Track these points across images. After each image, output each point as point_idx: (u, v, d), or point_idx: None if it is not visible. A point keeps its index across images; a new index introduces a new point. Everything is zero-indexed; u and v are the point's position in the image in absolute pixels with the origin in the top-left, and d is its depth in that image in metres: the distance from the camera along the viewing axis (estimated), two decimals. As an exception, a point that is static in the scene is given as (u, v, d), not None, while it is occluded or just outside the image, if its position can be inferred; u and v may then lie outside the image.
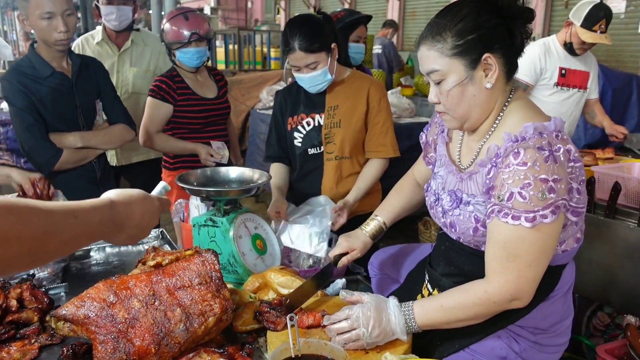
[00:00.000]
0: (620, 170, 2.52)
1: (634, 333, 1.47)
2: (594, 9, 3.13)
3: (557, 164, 1.23)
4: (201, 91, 2.89)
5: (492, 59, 1.32)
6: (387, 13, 11.45)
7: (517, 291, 1.29)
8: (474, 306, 1.33)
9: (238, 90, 5.72)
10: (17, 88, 2.13)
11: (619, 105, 4.94)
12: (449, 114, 1.41)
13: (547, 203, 1.21)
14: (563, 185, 1.23)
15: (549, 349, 1.46)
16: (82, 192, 2.34)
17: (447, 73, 1.34)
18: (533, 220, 1.22)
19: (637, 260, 2.25)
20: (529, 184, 1.21)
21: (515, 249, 1.26)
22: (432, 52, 1.34)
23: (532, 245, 1.25)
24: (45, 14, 2.07)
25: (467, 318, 1.36)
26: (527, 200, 1.22)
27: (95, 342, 1.28)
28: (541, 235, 1.24)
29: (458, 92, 1.35)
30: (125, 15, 3.16)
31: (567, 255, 1.40)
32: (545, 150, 1.23)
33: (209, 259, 1.43)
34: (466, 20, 1.30)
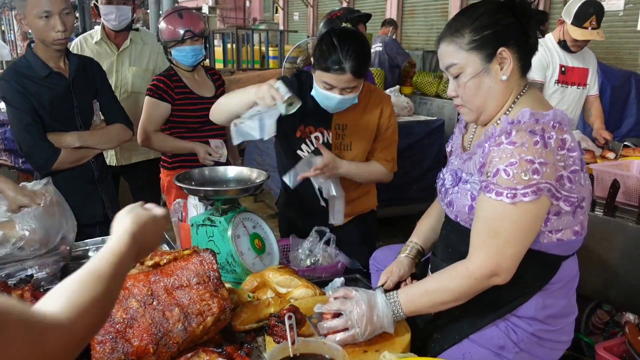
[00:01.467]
0: (619, 168, 2.52)
1: (633, 331, 1.48)
2: (584, 5, 3.13)
3: (546, 149, 1.28)
4: (199, 90, 2.88)
5: (507, 52, 1.39)
6: (385, 11, 11.44)
7: (496, 266, 1.33)
8: (456, 285, 1.37)
9: (236, 89, 5.71)
10: (14, 88, 2.13)
11: (617, 102, 4.94)
12: (466, 106, 1.48)
13: (530, 183, 1.27)
14: (549, 170, 1.27)
15: (548, 343, 1.47)
16: (79, 192, 2.36)
17: (464, 66, 1.42)
18: (514, 197, 1.28)
19: (636, 258, 2.25)
20: (515, 162, 1.28)
21: (496, 226, 1.32)
22: (450, 47, 1.44)
23: (513, 223, 1.30)
24: (43, 13, 2.07)
25: (452, 298, 1.39)
26: (511, 177, 1.28)
27: (93, 342, 1.28)
28: (521, 214, 1.30)
29: (475, 84, 1.43)
30: (125, 15, 3.15)
31: (564, 245, 1.41)
32: (536, 135, 1.29)
33: (207, 258, 1.43)
34: (483, 18, 1.40)
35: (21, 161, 4.03)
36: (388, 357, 1.27)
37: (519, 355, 1.46)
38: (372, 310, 1.37)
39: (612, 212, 2.35)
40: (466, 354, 1.46)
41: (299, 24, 14.89)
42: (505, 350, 1.46)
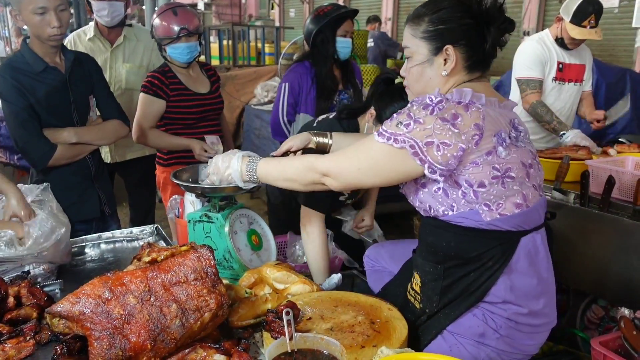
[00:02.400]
0: (614, 164, 2.52)
1: (628, 325, 1.49)
2: (583, 3, 3.12)
3: (431, 114, 1.38)
4: (194, 86, 2.88)
5: (452, 50, 1.46)
6: (381, 8, 11.44)
7: (334, 171, 1.51)
8: (301, 167, 1.58)
9: (232, 85, 5.71)
10: (10, 83, 2.12)
11: (613, 99, 4.94)
12: (409, 89, 1.59)
13: (397, 132, 1.40)
14: (419, 129, 1.37)
15: (525, 327, 1.49)
16: (76, 188, 2.36)
17: (414, 52, 1.52)
18: (379, 135, 1.43)
19: (630, 253, 2.26)
20: (400, 112, 1.43)
21: (356, 148, 1.50)
22: (408, 31, 1.54)
23: (370, 157, 1.45)
24: (38, 9, 2.06)
25: (293, 178, 1.61)
26: (390, 122, 1.43)
27: (91, 338, 1.28)
28: (375, 152, 1.44)
29: (418, 71, 1.53)
30: (118, 11, 3.11)
31: (510, 220, 1.43)
32: (430, 104, 1.40)
33: (205, 254, 1.43)
34: (442, 12, 1.47)
35: (16, 158, 4.01)
36: (385, 352, 1.28)
37: (500, 341, 1.49)
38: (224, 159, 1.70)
39: (607, 207, 2.35)
40: (452, 347, 1.49)
41: (295, 20, 14.88)
42: (486, 338, 1.48)
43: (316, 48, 2.94)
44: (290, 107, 2.96)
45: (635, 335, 1.49)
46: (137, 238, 2.21)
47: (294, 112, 2.97)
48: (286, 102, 2.96)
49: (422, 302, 1.57)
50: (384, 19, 11.31)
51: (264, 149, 5.21)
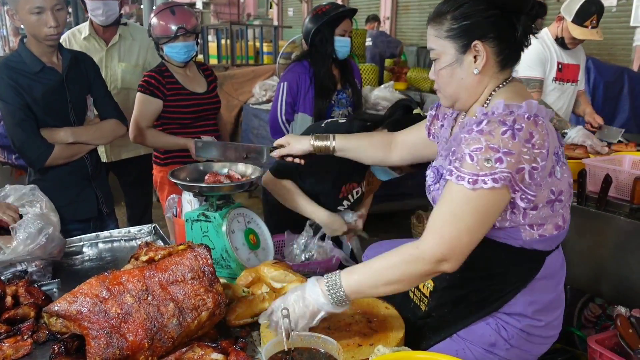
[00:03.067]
0: (611, 163, 2.53)
1: (624, 323, 1.49)
2: (586, 4, 3.12)
3: (514, 140, 1.25)
4: (191, 86, 2.88)
5: (481, 46, 1.36)
6: (380, 7, 11.44)
7: (449, 251, 1.28)
8: (402, 264, 1.31)
9: (230, 85, 5.71)
10: (7, 83, 2.12)
11: (610, 98, 4.97)
12: (440, 92, 1.49)
13: (492, 171, 1.24)
14: (513, 160, 1.25)
15: (536, 339, 1.48)
16: (73, 188, 2.36)
17: (440, 53, 1.42)
18: (474, 183, 1.25)
19: (627, 251, 2.27)
20: (480, 148, 1.25)
21: (458, 210, 1.28)
22: (432, 31, 1.43)
23: (474, 210, 1.27)
24: (35, 9, 2.06)
25: (396, 279, 1.32)
26: (474, 162, 1.25)
27: (88, 337, 1.28)
28: (481, 201, 1.26)
29: (447, 73, 1.42)
30: (112, 10, 3.10)
31: (546, 240, 1.41)
32: (506, 125, 1.26)
33: (202, 253, 1.43)
34: (464, 7, 1.36)
35: (14, 157, 3.99)
36: (382, 350, 1.28)
37: (509, 352, 1.47)
38: (298, 301, 1.34)
39: (604, 206, 2.36)
40: (459, 351, 1.47)
41: (294, 19, 14.87)
42: (497, 347, 1.47)
43: (315, 47, 2.96)
44: (289, 107, 2.97)
45: (631, 333, 1.50)
46: (135, 237, 2.21)
47: (293, 111, 2.99)
48: (285, 102, 2.97)
49: (429, 306, 1.55)
50: (382, 17, 11.31)
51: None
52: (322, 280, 1.36)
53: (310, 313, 1.34)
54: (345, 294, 1.32)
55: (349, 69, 3.09)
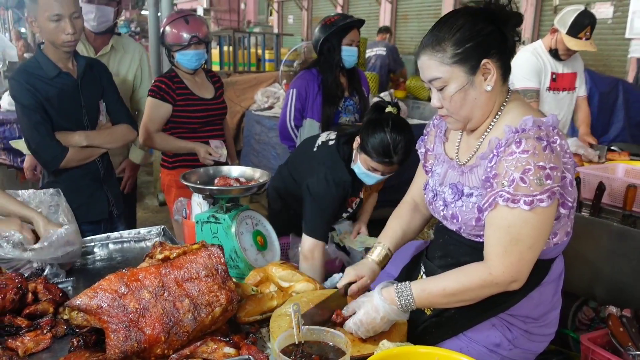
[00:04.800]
0: (604, 171, 2.62)
1: (615, 322, 1.57)
2: (580, 16, 3.22)
3: (553, 153, 1.33)
4: (199, 92, 2.95)
5: (490, 63, 1.41)
6: (379, 16, 11.56)
7: (518, 273, 1.37)
8: (477, 288, 1.40)
9: (233, 91, 5.79)
10: (24, 87, 2.19)
11: (605, 108, 5.06)
12: (452, 117, 1.50)
13: (545, 188, 1.31)
14: (558, 173, 1.33)
15: (537, 337, 1.56)
16: (86, 190, 2.43)
17: (448, 80, 1.43)
18: (531, 203, 1.31)
19: (620, 256, 2.35)
20: (529, 169, 1.31)
21: (519, 233, 1.34)
22: (433, 61, 1.43)
23: (534, 229, 1.34)
24: (54, 17, 2.13)
25: (468, 299, 1.44)
26: (527, 185, 1.31)
27: (108, 330, 1.34)
28: (540, 219, 1.34)
29: (460, 96, 1.44)
30: (106, 17, 2.95)
31: (558, 248, 1.49)
32: (543, 141, 1.33)
33: (215, 252, 1.50)
34: (463, 30, 1.40)
35: (20, 160, 4.07)
36: (386, 345, 1.35)
37: (512, 352, 1.54)
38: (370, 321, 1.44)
39: (598, 213, 2.45)
40: (463, 348, 1.53)
41: (294, 27, 14.98)
42: (500, 348, 1.54)
43: (323, 56, 3.05)
44: (298, 112, 3.07)
45: (621, 331, 1.57)
46: (145, 238, 2.27)
47: (301, 117, 3.08)
48: (294, 108, 3.06)
49: (435, 311, 1.61)
50: (380, 26, 11.43)
51: (264, 154, 5.28)
52: (390, 291, 1.45)
53: (381, 319, 1.44)
54: (415, 303, 1.45)
55: (356, 77, 3.19)
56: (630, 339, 1.55)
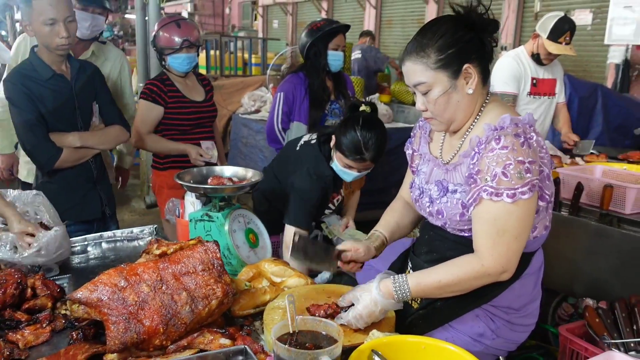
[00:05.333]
0: (583, 172, 2.72)
1: (592, 313, 1.65)
2: (559, 22, 3.35)
3: (530, 149, 1.42)
4: (190, 94, 3.01)
5: (471, 68, 1.50)
6: (363, 21, 11.68)
7: (507, 263, 1.45)
8: (470, 279, 1.48)
9: (220, 95, 5.83)
10: (19, 89, 2.22)
11: (584, 113, 5.17)
12: (436, 119, 1.58)
13: (525, 181, 1.40)
14: (536, 167, 1.42)
15: (518, 327, 1.64)
16: (79, 190, 2.46)
17: (432, 84, 1.51)
18: (513, 196, 1.40)
19: (598, 254, 2.44)
20: (510, 164, 1.39)
21: (504, 225, 1.43)
22: (417, 67, 1.51)
23: (518, 220, 1.43)
24: (48, 21, 2.17)
25: (461, 290, 1.51)
26: (509, 179, 1.40)
27: (108, 322, 1.39)
28: (523, 210, 1.42)
29: (444, 100, 1.52)
30: (99, 26, 2.96)
31: (538, 241, 1.57)
32: (521, 137, 1.42)
33: (211, 247, 1.56)
34: (445, 37, 1.48)
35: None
36: (376, 334, 1.42)
37: (495, 342, 1.62)
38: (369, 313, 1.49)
39: (577, 212, 2.54)
40: (448, 339, 1.59)
41: (279, 31, 15.03)
42: (484, 337, 1.62)
43: (309, 60, 3.13)
44: (285, 116, 3.14)
45: (597, 322, 1.66)
46: (137, 237, 2.31)
47: (288, 120, 3.15)
48: (281, 111, 3.13)
49: (421, 304, 1.68)
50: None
51: (251, 157, 5.33)
52: (387, 283, 1.52)
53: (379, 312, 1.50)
54: (411, 294, 1.51)
55: (342, 81, 3.27)
56: (606, 328, 1.64)
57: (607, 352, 1.41)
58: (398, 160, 5.07)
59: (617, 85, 6.25)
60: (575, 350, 1.68)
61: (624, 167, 2.90)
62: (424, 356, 1.33)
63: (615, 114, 5.10)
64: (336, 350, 1.23)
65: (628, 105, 5.04)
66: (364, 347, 1.31)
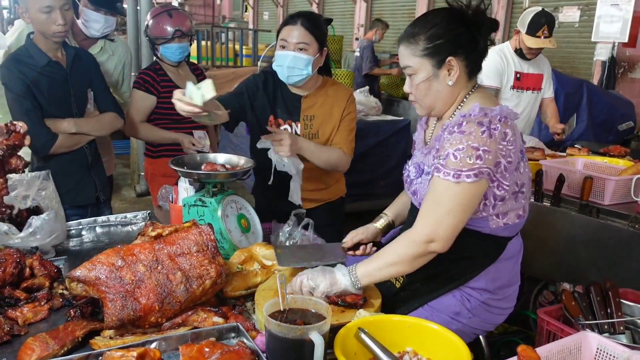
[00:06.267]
0: (565, 164, 2.80)
1: (568, 296, 1.73)
2: (536, 16, 3.43)
3: (491, 138, 1.47)
4: (183, 84, 3.00)
5: (455, 61, 1.57)
6: (354, 15, 11.73)
7: (433, 233, 1.50)
8: (400, 247, 1.56)
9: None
10: (15, 75, 2.26)
11: (570, 108, 5.27)
12: (418, 103, 1.68)
13: (473, 167, 1.46)
14: (490, 157, 1.47)
15: (495, 310, 1.72)
16: (74, 176, 2.51)
17: (417, 69, 1.60)
18: (457, 177, 1.47)
19: (577, 243, 2.54)
20: (462, 148, 1.47)
21: (440, 198, 1.51)
22: (407, 51, 1.61)
23: (454, 196, 1.49)
24: (45, 8, 2.21)
25: (396, 261, 1.56)
26: (458, 160, 1.47)
27: (106, 300, 1.44)
28: (462, 191, 1.48)
29: (425, 86, 1.61)
30: (111, 27, 2.96)
31: (510, 228, 1.64)
32: (483, 126, 1.48)
33: (205, 230, 1.62)
34: (437, 27, 1.57)
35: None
36: (363, 314, 1.49)
37: (471, 320, 1.71)
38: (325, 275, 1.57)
39: (558, 203, 2.63)
40: (428, 317, 1.66)
41: (269, 23, 15.04)
42: (460, 316, 1.70)
43: None
44: None
45: (573, 305, 1.74)
46: (131, 222, 2.36)
47: None
48: None
49: (403, 283, 1.76)
50: (356, 25, 11.59)
51: (241, 147, 5.37)
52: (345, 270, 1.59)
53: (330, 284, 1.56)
54: (357, 276, 1.56)
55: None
56: (581, 311, 1.72)
57: (581, 332, 1.49)
58: (386, 152, 5.17)
59: (603, 82, 6.36)
60: (552, 331, 1.76)
61: (604, 160, 2.99)
62: (407, 334, 1.41)
63: (600, 109, 5.20)
64: (324, 326, 1.29)
65: (613, 101, 5.15)
66: (351, 325, 1.38)
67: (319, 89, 2.43)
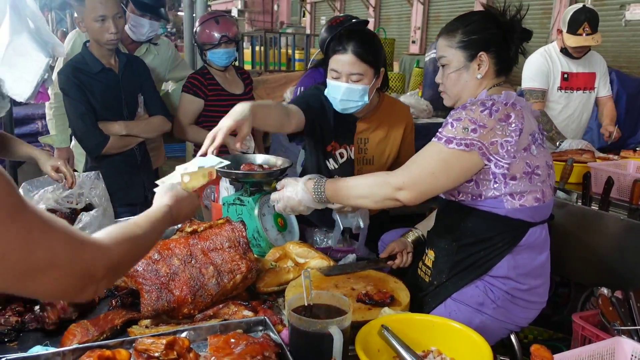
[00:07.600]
0: (616, 167, 2.70)
1: (605, 302, 1.68)
2: (576, 13, 3.30)
3: (490, 117, 1.56)
4: (229, 88, 3.15)
5: (485, 56, 1.70)
6: (411, 17, 11.65)
7: (409, 183, 1.60)
8: (373, 184, 1.68)
9: (263, 89, 5.99)
10: (72, 81, 2.43)
11: (633, 109, 5.04)
12: (446, 92, 1.80)
13: (466, 137, 1.55)
14: (485, 132, 1.55)
15: (520, 302, 1.71)
16: (124, 175, 2.66)
17: (451, 60, 1.75)
18: (450, 142, 1.57)
19: (626, 249, 2.43)
20: (460, 119, 1.58)
21: (425, 156, 1.63)
22: (444, 42, 1.76)
23: (439, 159, 1.59)
24: (99, 17, 2.36)
25: (364, 194, 1.69)
26: (454, 129, 1.58)
27: (142, 291, 1.53)
28: (450, 157, 1.57)
29: (455, 76, 1.75)
30: (155, 31, 3.10)
31: (527, 211, 1.64)
32: (485, 106, 1.59)
33: (238, 227, 1.68)
34: (474, 25, 1.72)
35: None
36: (387, 312, 1.51)
37: (496, 311, 1.70)
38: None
39: (607, 207, 2.54)
40: (452, 312, 1.70)
41: (326, 28, 15.12)
42: (484, 307, 1.70)
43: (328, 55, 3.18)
44: None
45: (611, 310, 1.68)
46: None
47: None
48: None
49: (431, 276, 1.80)
50: (413, 28, 11.51)
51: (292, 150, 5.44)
52: (310, 183, 1.77)
53: (295, 206, 1.80)
54: (326, 195, 1.74)
55: None
56: (618, 316, 1.66)
57: (615, 337, 1.45)
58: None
59: (671, 83, 6.03)
60: (587, 336, 1.71)
61: (659, 164, 2.86)
62: (432, 333, 1.41)
63: (666, 111, 4.95)
64: (344, 322, 1.32)
65: (679, 102, 4.88)
66: (374, 322, 1.40)
67: (374, 110, 2.30)
